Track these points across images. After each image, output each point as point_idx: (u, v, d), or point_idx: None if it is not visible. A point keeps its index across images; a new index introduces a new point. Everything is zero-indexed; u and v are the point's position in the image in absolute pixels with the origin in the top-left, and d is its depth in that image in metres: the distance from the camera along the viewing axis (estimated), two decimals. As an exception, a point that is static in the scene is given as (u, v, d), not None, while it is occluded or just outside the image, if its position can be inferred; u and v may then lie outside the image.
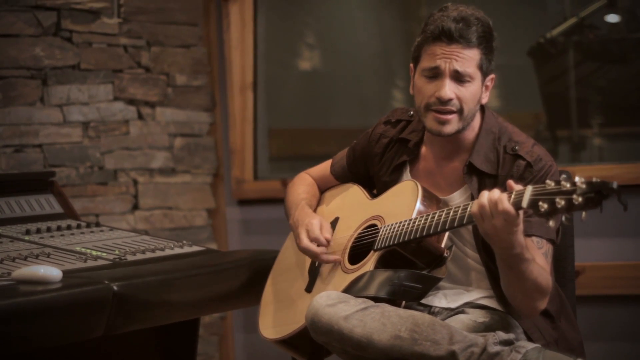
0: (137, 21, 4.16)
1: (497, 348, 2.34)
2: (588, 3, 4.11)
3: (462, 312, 2.58)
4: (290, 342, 2.74)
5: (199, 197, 4.40)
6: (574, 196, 2.12)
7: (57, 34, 3.89)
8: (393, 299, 2.50)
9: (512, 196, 2.26)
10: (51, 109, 3.88)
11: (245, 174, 4.49)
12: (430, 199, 2.61)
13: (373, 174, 2.85)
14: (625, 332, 3.78)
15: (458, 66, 2.54)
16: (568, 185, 2.14)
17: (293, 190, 2.99)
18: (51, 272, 2.49)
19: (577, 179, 2.14)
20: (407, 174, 2.74)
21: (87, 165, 3.99)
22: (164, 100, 4.27)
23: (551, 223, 2.19)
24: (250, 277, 2.95)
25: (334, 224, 2.84)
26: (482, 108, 2.68)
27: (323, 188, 3.01)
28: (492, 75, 2.64)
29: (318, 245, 2.71)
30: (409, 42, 4.80)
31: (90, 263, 2.72)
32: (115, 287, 2.50)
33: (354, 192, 2.88)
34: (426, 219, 2.50)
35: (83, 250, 2.85)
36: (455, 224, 2.42)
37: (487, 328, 2.50)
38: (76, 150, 3.95)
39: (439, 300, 2.62)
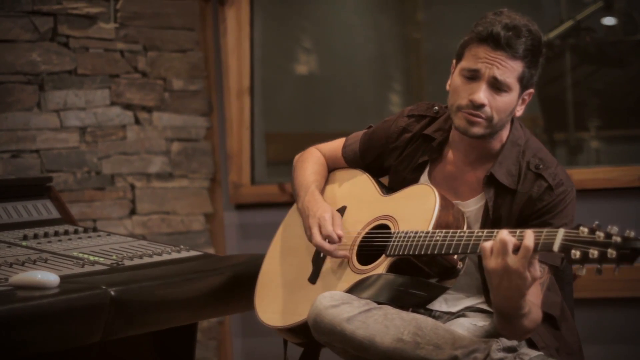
0: (133, 26, 4.16)
1: (501, 355, 2.34)
2: (584, 6, 4.12)
3: (463, 315, 2.58)
4: (291, 330, 2.73)
5: (197, 202, 4.40)
6: (609, 250, 2.12)
7: (54, 39, 3.89)
8: (398, 305, 2.49)
9: (543, 235, 2.22)
10: (48, 114, 3.87)
11: (243, 178, 4.49)
12: (446, 207, 2.58)
13: (389, 166, 2.79)
14: (623, 334, 3.78)
15: (498, 74, 2.50)
16: (602, 236, 2.14)
17: (302, 168, 2.93)
18: (48, 277, 2.48)
19: (611, 230, 2.13)
20: (425, 175, 2.70)
21: (84, 170, 3.99)
22: (160, 105, 4.26)
23: (583, 271, 2.17)
24: (248, 282, 2.94)
25: (341, 212, 2.79)
26: (512, 119, 2.64)
27: (332, 167, 2.94)
28: (531, 90, 2.59)
29: (330, 242, 2.68)
30: (406, 46, 4.81)
31: (88, 268, 2.72)
32: (112, 292, 2.50)
33: (365, 183, 2.83)
34: (445, 237, 2.45)
35: (80, 255, 2.85)
36: (477, 251, 2.37)
37: (487, 331, 2.50)
38: (73, 155, 3.95)
39: (440, 304, 2.62)
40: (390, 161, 2.79)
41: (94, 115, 4.02)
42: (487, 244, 2.27)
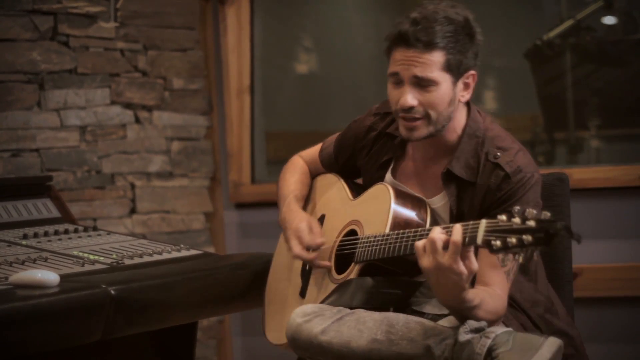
0: (133, 25, 4.16)
1: (468, 336, 2.32)
2: (585, 5, 4.12)
3: None
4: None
5: (197, 201, 4.40)
6: (524, 236, 2.08)
7: (54, 38, 3.89)
8: (375, 306, 2.49)
9: (469, 228, 2.19)
10: (48, 114, 3.87)
11: (243, 177, 4.49)
12: (406, 203, 2.56)
13: (360, 166, 2.79)
14: (623, 333, 3.78)
15: (418, 72, 2.45)
16: (519, 222, 2.09)
17: (283, 179, 2.92)
18: (48, 276, 2.48)
19: (529, 213, 2.08)
20: (389, 173, 2.69)
21: (84, 169, 3.99)
22: (161, 104, 4.26)
23: (513, 260, 2.15)
24: (248, 281, 2.95)
25: (321, 221, 2.80)
26: (469, 108, 2.59)
27: (314, 173, 2.94)
28: (471, 72, 2.51)
29: (312, 251, 2.69)
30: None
31: (88, 267, 2.72)
32: (112, 291, 2.50)
33: (338, 189, 2.83)
34: (396, 239, 2.45)
35: (80, 254, 2.85)
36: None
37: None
38: (73, 154, 3.95)
39: (432, 307, 2.62)
40: (360, 161, 2.78)
41: (94, 114, 4.02)
42: (420, 243, 2.27)
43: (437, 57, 2.45)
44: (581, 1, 4.18)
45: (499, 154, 2.51)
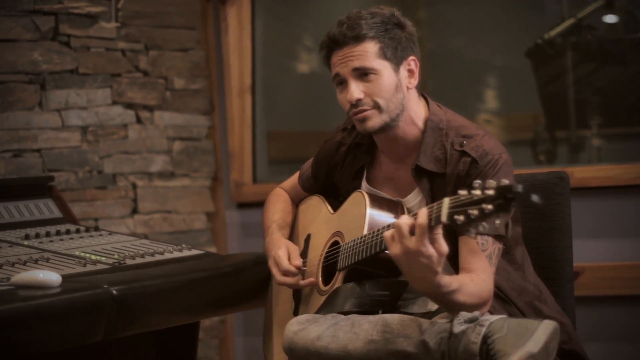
0: (135, 25, 4.17)
1: (463, 327, 2.32)
2: (586, 4, 4.12)
3: (441, 313, 2.57)
4: None
5: (198, 201, 4.41)
6: (484, 205, 2.07)
7: (55, 38, 3.90)
8: (365, 311, 2.49)
9: (434, 209, 2.18)
10: (49, 114, 3.88)
11: (244, 177, 4.50)
12: (382, 206, 2.58)
13: (337, 182, 2.83)
14: (625, 332, 3.78)
15: (356, 64, 2.52)
16: (479, 193, 2.08)
17: (266, 211, 2.99)
18: (50, 276, 2.49)
19: (488, 184, 2.07)
20: (364, 180, 2.72)
21: (85, 169, 3.99)
22: (162, 104, 4.27)
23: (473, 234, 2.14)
24: (249, 281, 2.95)
25: (307, 241, 2.84)
26: (427, 102, 2.63)
27: (297, 200, 2.99)
28: (411, 58, 2.57)
29: (291, 276, 2.71)
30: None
31: (90, 267, 2.72)
32: (114, 292, 2.50)
33: (319, 206, 2.87)
34: (371, 237, 2.47)
35: (82, 254, 2.85)
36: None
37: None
38: (75, 154, 3.96)
39: (419, 307, 2.61)
40: (337, 177, 2.82)
41: (96, 115, 4.03)
42: (388, 233, 2.27)
43: (370, 47, 2.53)
44: (582, 0, 4.18)
45: (464, 142, 2.54)
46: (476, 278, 2.40)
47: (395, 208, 2.60)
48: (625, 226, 3.78)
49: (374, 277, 2.55)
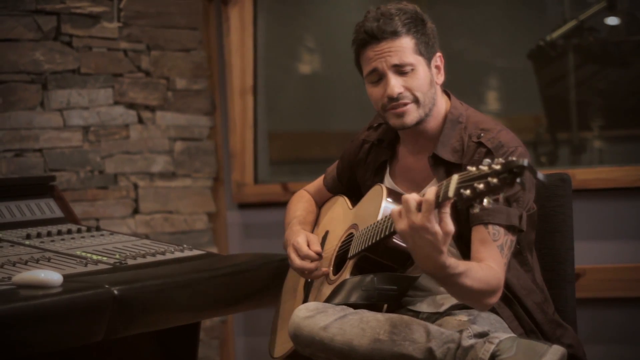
0: (137, 25, 4.17)
1: (472, 341, 2.33)
2: (588, 6, 4.12)
3: (449, 314, 2.58)
4: (290, 357, 2.75)
5: (200, 201, 4.41)
6: (490, 179, 2.08)
7: (57, 38, 3.90)
8: (371, 304, 2.50)
9: (443, 185, 2.20)
10: (51, 114, 3.88)
11: (246, 177, 4.50)
12: (398, 199, 2.55)
13: (360, 180, 2.85)
14: (626, 334, 3.78)
15: (395, 60, 2.56)
16: (486, 168, 2.10)
17: (289, 209, 3.01)
18: (52, 276, 2.49)
19: (497, 160, 2.09)
20: (387, 175, 2.75)
21: (87, 169, 3.99)
22: (164, 104, 4.27)
23: (484, 204, 2.11)
24: (251, 281, 2.95)
25: (324, 238, 2.85)
26: (448, 97, 2.67)
27: (320, 202, 3.01)
28: (438, 54, 2.65)
29: (312, 262, 2.72)
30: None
31: (91, 267, 2.72)
32: (115, 291, 2.50)
33: (340, 204, 2.89)
34: (384, 221, 2.48)
35: (83, 254, 2.85)
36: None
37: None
38: (76, 154, 3.96)
39: (427, 305, 2.62)
40: (359, 174, 2.85)
41: (97, 115, 4.03)
42: (395, 209, 2.28)
43: (407, 43, 2.57)
44: (584, 2, 4.18)
45: (482, 134, 2.58)
46: (485, 265, 2.41)
47: None
48: (627, 228, 3.77)
49: (383, 268, 2.56)
